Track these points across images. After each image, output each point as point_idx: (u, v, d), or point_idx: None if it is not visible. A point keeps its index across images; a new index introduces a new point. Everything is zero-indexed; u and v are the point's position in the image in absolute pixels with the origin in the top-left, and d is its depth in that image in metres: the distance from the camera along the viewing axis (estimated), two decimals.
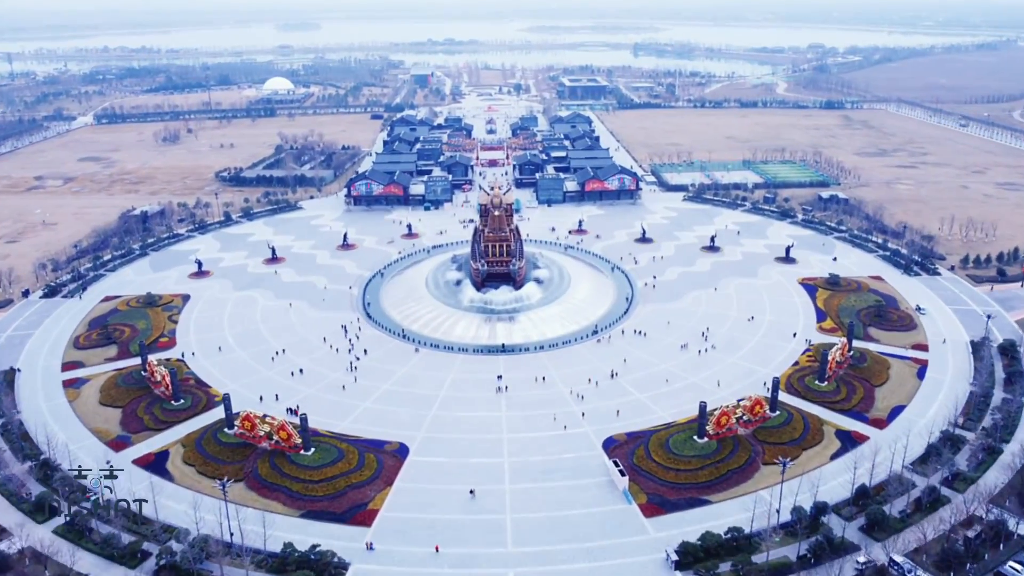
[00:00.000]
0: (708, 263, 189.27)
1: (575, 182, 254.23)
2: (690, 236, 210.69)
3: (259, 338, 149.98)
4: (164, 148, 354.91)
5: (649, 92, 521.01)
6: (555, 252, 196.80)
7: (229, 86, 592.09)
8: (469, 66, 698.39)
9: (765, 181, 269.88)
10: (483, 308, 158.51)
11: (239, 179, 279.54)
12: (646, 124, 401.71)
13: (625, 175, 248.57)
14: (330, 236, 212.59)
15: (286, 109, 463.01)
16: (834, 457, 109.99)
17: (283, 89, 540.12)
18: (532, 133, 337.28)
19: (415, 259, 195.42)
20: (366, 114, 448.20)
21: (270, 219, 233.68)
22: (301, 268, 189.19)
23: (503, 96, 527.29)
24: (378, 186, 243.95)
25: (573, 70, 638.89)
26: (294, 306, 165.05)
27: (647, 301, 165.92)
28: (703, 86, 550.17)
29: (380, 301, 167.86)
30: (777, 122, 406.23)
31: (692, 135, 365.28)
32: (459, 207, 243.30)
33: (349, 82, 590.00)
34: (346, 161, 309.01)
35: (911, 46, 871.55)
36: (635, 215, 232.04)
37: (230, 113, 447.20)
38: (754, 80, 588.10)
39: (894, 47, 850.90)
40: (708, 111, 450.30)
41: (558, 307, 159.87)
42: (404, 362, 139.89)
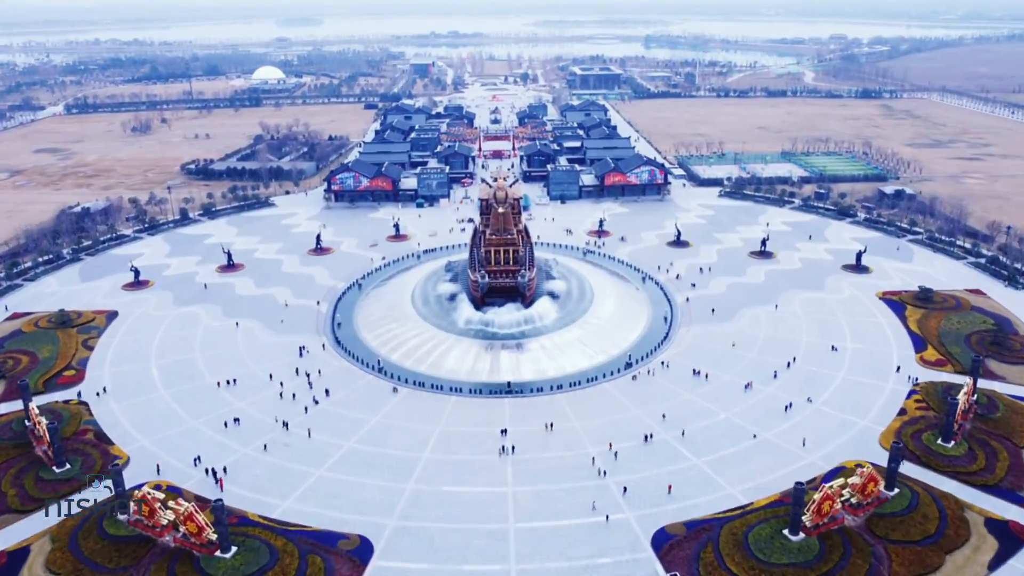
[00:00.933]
0: (761, 272, 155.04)
1: (592, 175, 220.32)
2: (734, 239, 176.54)
3: (193, 371, 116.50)
4: (132, 139, 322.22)
5: (667, 81, 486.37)
6: (572, 259, 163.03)
7: (217, 76, 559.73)
8: (473, 57, 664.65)
9: (812, 175, 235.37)
10: (483, 332, 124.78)
11: (207, 172, 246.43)
12: (666, 114, 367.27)
13: (652, 167, 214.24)
14: (302, 238, 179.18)
15: (273, 98, 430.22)
16: (994, 566, 75.87)
17: (273, 78, 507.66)
18: (541, 122, 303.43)
19: (402, 266, 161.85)
20: (360, 104, 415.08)
21: (235, 217, 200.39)
22: (262, 277, 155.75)
23: (509, 86, 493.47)
24: (363, 179, 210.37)
25: (583, 60, 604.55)
26: (245, 327, 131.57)
27: (691, 322, 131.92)
28: (724, 75, 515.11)
29: (354, 321, 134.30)
30: (811, 111, 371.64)
31: (719, 125, 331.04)
32: (457, 204, 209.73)
33: (344, 72, 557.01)
34: (331, 152, 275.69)
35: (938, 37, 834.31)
36: (665, 213, 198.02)
37: (211, 103, 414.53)
38: (779, 69, 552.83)
39: (921, 38, 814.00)
40: (733, 100, 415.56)
41: (579, 330, 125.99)
42: (377, 407, 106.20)
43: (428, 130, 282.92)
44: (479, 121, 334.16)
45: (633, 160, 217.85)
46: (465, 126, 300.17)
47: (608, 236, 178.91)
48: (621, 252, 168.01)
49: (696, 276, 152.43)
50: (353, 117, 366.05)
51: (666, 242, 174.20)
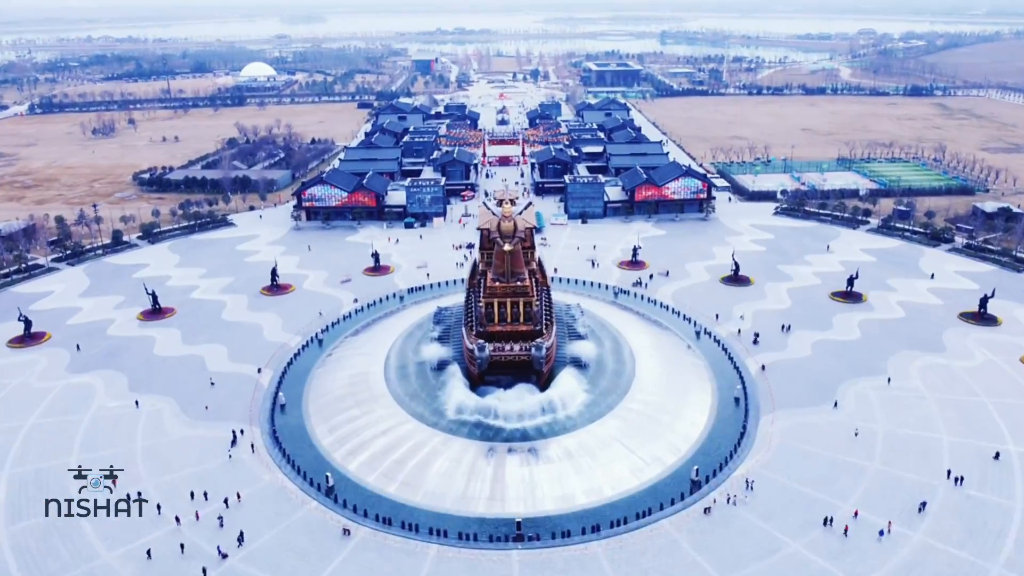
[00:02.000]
0: (853, 324, 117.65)
1: (620, 188, 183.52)
2: (805, 273, 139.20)
3: (58, 487, 79.90)
4: (91, 143, 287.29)
5: (690, 78, 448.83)
6: (600, 302, 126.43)
7: (204, 73, 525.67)
8: (480, 53, 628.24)
9: (880, 186, 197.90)
10: (482, 425, 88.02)
11: (161, 183, 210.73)
12: (695, 114, 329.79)
13: (693, 178, 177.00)
14: (259, 269, 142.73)
15: (259, 97, 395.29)
16: None
17: (262, 76, 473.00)
18: (555, 123, 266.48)
19: (379, 312, 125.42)
20: (353, 103, 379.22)
21: (181, 241, 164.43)
22: (194, 328, 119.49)
23: (518, 83, 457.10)
24: (340, 193, 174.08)
25: (597, 56, 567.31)
26: (150, 411, 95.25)
27: (775, 406, 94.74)
28: (753, 72, 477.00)
29: (304, 402, 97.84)
30: (857, 111, 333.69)
31: (757, 127, 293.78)
32: (455, 224, 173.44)
33: (340, 69, 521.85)
34: (311, 159, 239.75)
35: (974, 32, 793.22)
36: (712, 237, 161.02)
37: (190, 102, 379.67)
38: (811, 65, 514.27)
39: (956, 33, 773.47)
40: (767, 99, 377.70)
41: (618, 422, 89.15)
42: (315, 567, 69.51)
43: (424, 132, 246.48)
44: (484, 122, 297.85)
45: (669, 170, 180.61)
46: (468, 128, 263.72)
47: (644, 269, 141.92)
48: (663, 293, 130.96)
49: (768, 328, 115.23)
50: (343, 117, 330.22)
51: (720, 277, 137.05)
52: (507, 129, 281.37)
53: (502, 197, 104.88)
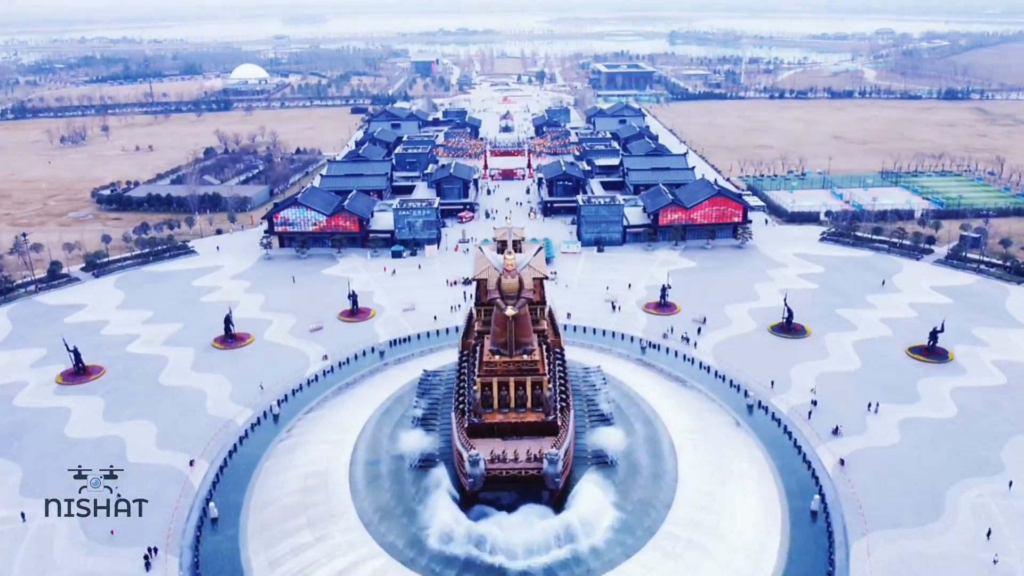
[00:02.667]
0: (944, 392, 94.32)
1: (641, 210, 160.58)
2: (870, 319, 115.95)
3: None
4: (58, 152, 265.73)
5: (705, 81, 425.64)
6: (625, 361, 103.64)
7: (193, 76, 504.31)
8: (483, 54, 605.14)
9: (937, 205, 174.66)
10: (475, 564, 64.81)
11: (122, 200, 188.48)
12: (715, 120, 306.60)
13: (726, 199, 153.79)
14: (216, 312, 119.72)
15: (247, 101, 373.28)
16: None
17: (253, 78, 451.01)
18: (564, 131, 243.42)
19: (351, 372, 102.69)
20: (346, 107, 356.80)
21: (132, 274, 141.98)
22: (121, 397, 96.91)
23: (523, 86, 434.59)
24: (317, 217, 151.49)
25: (606, 57, 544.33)
26: (40, 528, 72.46)
27: (867, 522, 71.51)
28: (771, 73, 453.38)
29: (242, 515, 74.89)
30: (890, 116, 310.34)
31: (784, 134, 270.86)
32: (450, 252, 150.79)
33: (336, 71, 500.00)
34: (294, 171, 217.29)
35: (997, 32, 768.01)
36: (751, 270, 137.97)
37: (172, 106, 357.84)
38: (832, 67, 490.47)
39: (979, 33, 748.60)
40: (791, 103, 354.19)
41: (659, 556, 65.99)
42: None
43: (419, 143, 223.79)
44: (486, 129, 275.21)
45: (698, 189, 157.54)
46: (468, 137, 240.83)
47: (675, 313, 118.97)
48: (701, 346, 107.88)
49: (838, 399, 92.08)
50: (335, 124, 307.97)
51: (768, 326, 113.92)
52: (511, 137, 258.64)
53: (503, 238, 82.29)
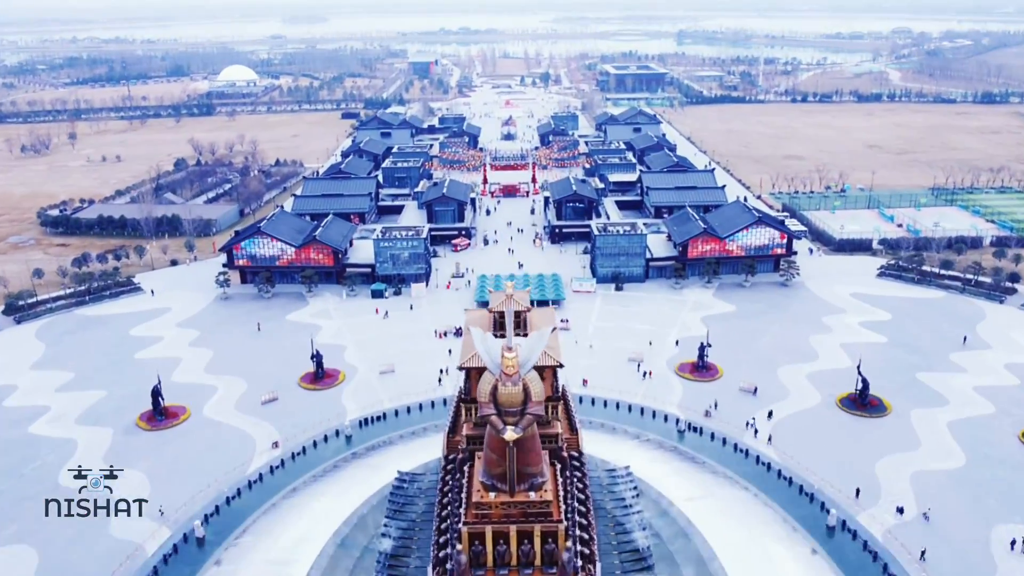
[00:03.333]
0: None
1: (664, 237, 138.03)
2: (962, 387, 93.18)
3: None
4: (17, 163, 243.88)
5: (720, 83, 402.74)
6: (658, 452, 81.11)
7: (180, 77, 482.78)
8: (484, 55, 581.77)
9: (1006, 230, 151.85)
10: None
11: (70, 223, 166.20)
12: (734, 126, 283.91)
13: (768, 226, 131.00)
14: (151, 375, 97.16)
15: (231, 105, 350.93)
16: None
17: (242, 80, 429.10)
18: (572, 141, 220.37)
19: (309, 470, 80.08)
20: (338, 111, 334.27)
21: (61, 319, 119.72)
22: (9, 504, 74.73)
23: (526, 88, 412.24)
24: (285, 248, 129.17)
25: (614, 57, 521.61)
26: None
27: None
28: (790, 75, 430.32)
29: None
30: (925, 122, 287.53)
31: (813, 143, 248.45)
32: (442, 291, 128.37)
33: (330, 72, 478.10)
34: (269, 188, 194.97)
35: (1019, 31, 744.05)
36: (803, 316, 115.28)
37: (151, 111, 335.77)
38: (854, 68, 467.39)
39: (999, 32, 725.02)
40: (814, 107, 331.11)
41: None
42: None
43: (410, 155, 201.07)
44: (486, 137, 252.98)
45: (734, 215, 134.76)
46: (465, 147, 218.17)
47: (716, 377, 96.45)
48: (754, 429, 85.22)
49: (946, 522, 69.42)
50: (323, 130, 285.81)
51: (836, 397, 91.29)
52: (514, 147, 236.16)
53: (501, 308, 60.23)
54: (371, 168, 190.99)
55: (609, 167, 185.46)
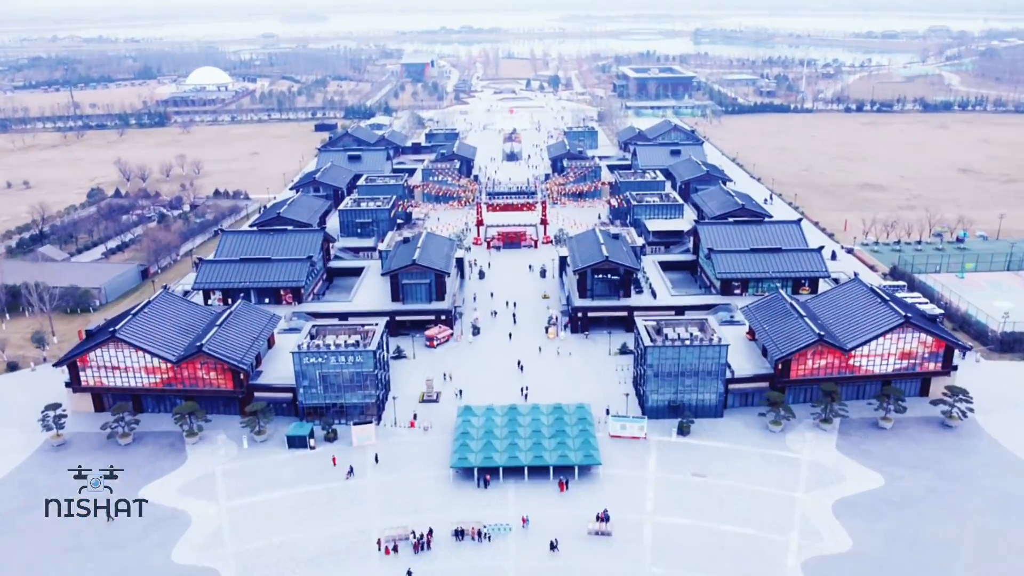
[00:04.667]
0: None
1: (742, 334, 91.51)
2: None
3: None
4: None
5: (754, 87, 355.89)
6: None
7: (146, 81, 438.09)
8: (486, 55, 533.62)
9: None
10: None
11: None
12: (784, 142, 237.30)
13: (917, 328, 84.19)
14: None
15: (191, 113, 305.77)
16: None
17: (212, 84, 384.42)
18: (593, 168, 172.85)
19: None
20: (314, 121, 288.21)
21: None
22: None
23: (533, 93, 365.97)
24: (154, 363, 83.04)
25: (630, 58, 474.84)
26: None
27: None
28: (833, 78, 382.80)
29: None
30: (1019, 137, 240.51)
31: (887, 165, 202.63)
32: (400, 434, 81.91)
33: (315, 74, 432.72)
34: (192, 234, 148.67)
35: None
36: (1001, 507, 68.41)
37: (95, 121, 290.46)
38: (901, 70, 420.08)
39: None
40: (873, 117, 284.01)
41: None
42: None
43: (380, 190, 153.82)
44: (485, 155, 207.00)
45: (856, 306, 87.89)
46: (456, 174, 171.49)
47: None
48: None
49: None
50: (289, 146, 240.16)
51: None
52: (518, 171, 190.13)
53: None
54: (326, 209, 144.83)
55: (646, 209, 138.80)
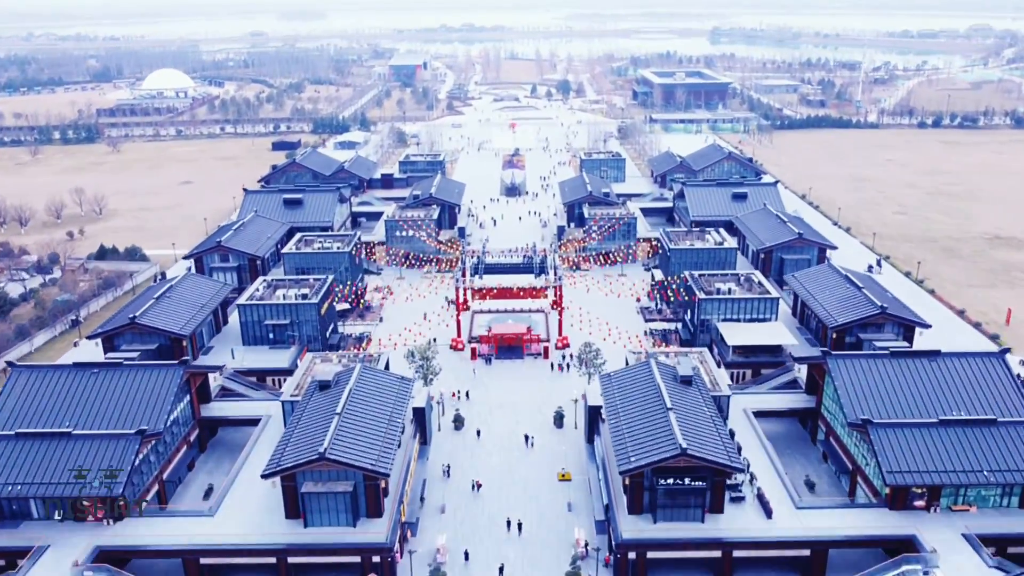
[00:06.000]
0: None
1: None
2: None
3: None
4: None
5: (798, 94, 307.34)
6: None
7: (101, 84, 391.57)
8: (487, 56, 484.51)
9: None
10: None
11: None
12: (856, 168, 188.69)
13: None
14: None
15: (132, 126, 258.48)
16: None
17: (170, 88, 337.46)
18: (626, 221, 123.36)
19: None
20: (274, 136, 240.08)
21: None
22: None
23: (538, 100, 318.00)
24: None
25: (648, 60, 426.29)
26: None
27: None
28: (887, 84, 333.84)
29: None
30: None
31: (1015, 207, 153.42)
32: None
33: (292, 77, 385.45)
34: (48, 318, 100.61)
35: None
36: None
37: (9, 136, 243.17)
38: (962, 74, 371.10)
39: None
40: (955, 135, 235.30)
41: None
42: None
43: (313, 261, 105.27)
44: (480, 191, 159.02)
45: None
46: (433, 226, 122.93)
47: None
48: None
49: None
50: (236, 173, 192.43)
51: None
52: (521, 212, 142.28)
53: None
54: (235, 280, 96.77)
55: (718, 305, 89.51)
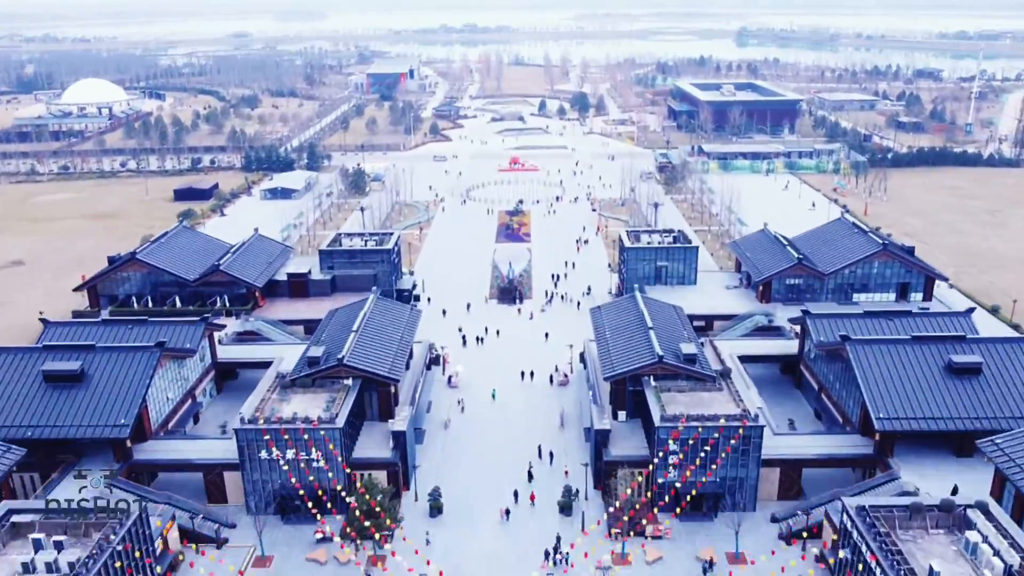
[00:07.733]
0: None
1: None
2: None
3: None
4: None
5: (886, 115, 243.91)
6: None
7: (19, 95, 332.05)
8: (486, 60, 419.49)
9: None
10: None
11: None
12: None
13: None
14: None
15: (11, 159, 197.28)
16: None
17: (93, 103, 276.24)
18: (742, 432, 61.50)
19: None
20: (191, 175, 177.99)
21: None
22: None
23: (548, 121, 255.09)
24: None
25: (679, 66, 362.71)
26: None
27: None
28: (984, 98, 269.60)
29: None
30: None
31: None
32: None
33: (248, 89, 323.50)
34: None
35: None
36: None
37: None
38: None
39: None
40: None
41: None
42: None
43: None
44: (456, 289, 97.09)
45: None
46: (330, 453, 60.74)
47: None
48: None
49: None
50: (102, 243, 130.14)
51: None
52: (527, 354, 79.99)
53: None
54: None
55: None
